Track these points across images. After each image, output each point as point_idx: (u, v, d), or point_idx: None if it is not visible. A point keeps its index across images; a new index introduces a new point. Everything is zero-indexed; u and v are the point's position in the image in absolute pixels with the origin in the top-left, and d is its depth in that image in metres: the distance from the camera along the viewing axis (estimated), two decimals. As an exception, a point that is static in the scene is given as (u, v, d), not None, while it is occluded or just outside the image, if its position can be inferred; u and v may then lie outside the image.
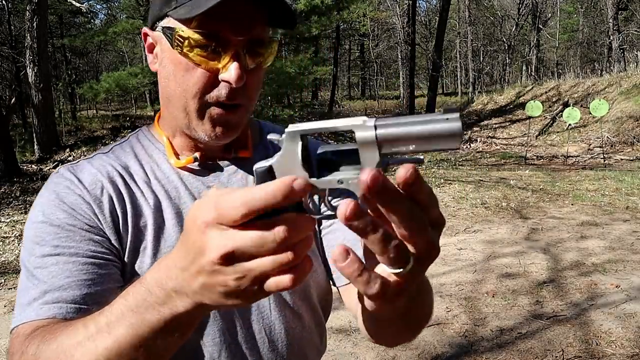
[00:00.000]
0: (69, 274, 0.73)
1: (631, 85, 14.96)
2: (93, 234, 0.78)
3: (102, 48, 29.81)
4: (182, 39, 0.76)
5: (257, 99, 0.89)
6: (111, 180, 0.82)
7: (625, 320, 3.63)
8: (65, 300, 0.71)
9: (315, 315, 0.92)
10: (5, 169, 9.91)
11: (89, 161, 0.86)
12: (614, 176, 9.36)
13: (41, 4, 11.71)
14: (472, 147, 14.59)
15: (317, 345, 0.94)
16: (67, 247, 0.75)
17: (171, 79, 0.80)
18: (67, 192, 0.80)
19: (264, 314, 0.85)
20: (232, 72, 0.75)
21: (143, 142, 0.90)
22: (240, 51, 0.76)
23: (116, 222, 0.80)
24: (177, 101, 0.81)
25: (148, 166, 0.87)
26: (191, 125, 0.82)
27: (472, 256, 5.20)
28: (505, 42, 32.99)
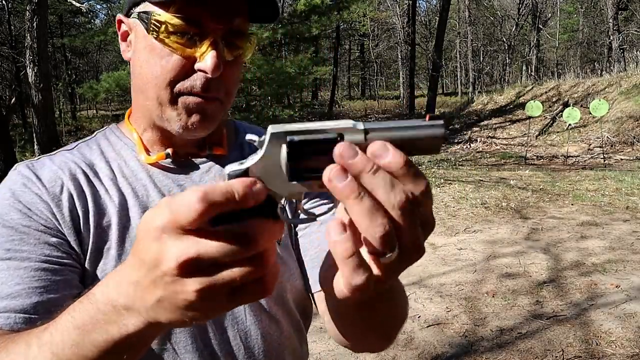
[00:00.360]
0: (19, 281, 0.67)
1: (631, 85, 14.96)
2: (49, 235, 0.72)
3: (102, 48, 29.81)
4: (159, 24, 0.72)
5: (236, 96, 0.85)
6: (73, 177, 0.77)
7: (625, 320, 3.63)
8: (14, 309, 0.66)
9: (293, 320, 0.88)
10: (5, 169, 9.91)
11: (50, 158, 0.81)
12: (614, 176, 9.36)
13: (41, 4, 11.71)
14: (472, 147, 14.59)
15: (297, 351, 0.90)
16: (19, 251, 0.70)
17: (144, 66, 0.76)
18: (24, 191, 0.75)
19: (238, 319, 0.81)
20: (209, 61, 0.72)
21: (110, 138, 0.86)
22: (218, 40, 0.73)
23: (76, 221, 0.74)
24: (149, 90, 0.76)
25: (115, 163, 0.82)
26: (163, 116, 0.77)
27: (472, 256, 5.20)
28: (505, 42, 33.00)
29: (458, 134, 16.25)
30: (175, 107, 0.76)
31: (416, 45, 25.17)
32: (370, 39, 35.55)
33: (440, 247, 5.55)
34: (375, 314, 0.65)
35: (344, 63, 35.23)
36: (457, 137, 15.85)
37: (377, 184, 0.42)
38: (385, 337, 0.76)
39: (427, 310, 3.91)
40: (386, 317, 0.69)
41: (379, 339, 0.76)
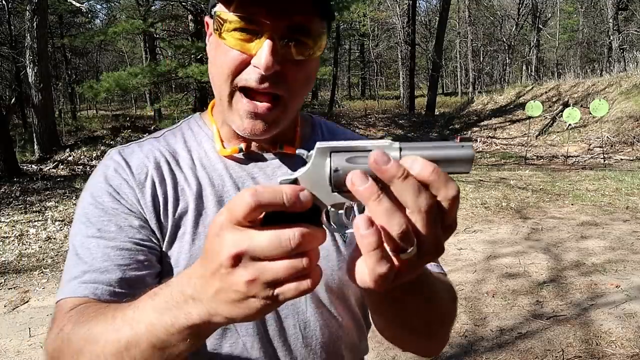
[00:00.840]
0: (106, 258, 0.76)
1: (631, 85, 14.96)
2: (134, 218, 0.80)
3: (102, 48, 29.81)
4: (222, 22, 0.75)
5: (306, 95, 0.86)
6: (157, 166, 0.84)
7: (625, 320, 3.63)
8: (101, 282, 0.74)
9: (354, 317, 0.91)
10: (5, 169, 9.91)
11: (139, 145, 0.88)
12: (614, 176, 9.36)
13: (41, 4, 11.71)
14: (472, 147, 14.58)
15: (354, 346, 0.93)
16: (108, 231, 0.78)
17: (212, 62, 0.80)
18: (114, 176, 0.82)
19: (299, 310, 0.85)
20: (262, 58, 0.72)
21: (193, 128, 0.91)
22: (275, 37, 0.73)
23: (157, 207, 0.81)
24: (215, 84, 0.81)
25: (195, 152, 0.87)
26: (226, 115, 0.82)
27: (472, 256, 5.20)
28: (505, 42, 32.99)
29: (458, 134, 16.25)
30: (231, 108, 0.79)
31: (416, 45, 25.15)
32: (370, 39, 35.52)
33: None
34: (406, 308, 0.68)
35: (344, 63, 35.20)
36: (457, 137, 15.84)
37: (406, 189, 0.46)
38: (425, 335, 0.78)
39: (427, 310, 3.91)
40: (419, 312, 0.70)
41: (419, 337, 0.78)
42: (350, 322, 0.91)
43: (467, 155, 0.50)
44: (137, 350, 0.58)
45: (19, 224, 6.69)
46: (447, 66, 39.68)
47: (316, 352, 0.86)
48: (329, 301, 0.87)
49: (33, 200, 8.12)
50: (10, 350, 3.52)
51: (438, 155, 0.50)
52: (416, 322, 0.73)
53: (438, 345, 0.83)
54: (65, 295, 0.75)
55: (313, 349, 0.86)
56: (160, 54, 24.19)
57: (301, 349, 0.85)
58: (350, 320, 0.91)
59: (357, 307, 0.92)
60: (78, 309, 0.71)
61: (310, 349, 0.86)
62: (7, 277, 4.94)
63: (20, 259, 5.47)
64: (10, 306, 4.26)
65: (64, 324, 0.68)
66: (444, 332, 0.82)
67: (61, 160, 11.45)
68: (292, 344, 0.85)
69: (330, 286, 0.86)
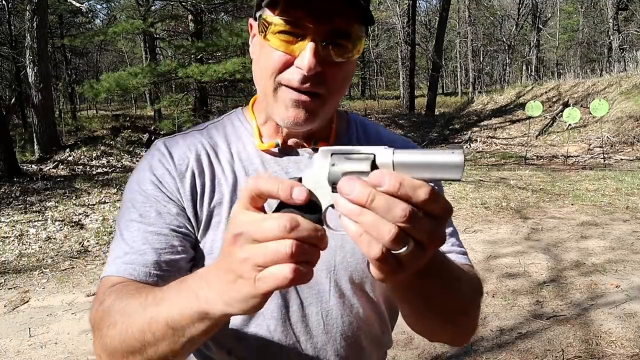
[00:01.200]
0: (145, 241, 0.83)
1: (631, 85, 14.96)
2: (173, 205, 0.86)
3: (102, 48, 29.81)
4: (267, 24, 0.80)
5: (344, 94, 0.91)
6: (197, 158, 0.90)
7: (625, 320, 3.63)
8: (139, 263, 0.81)
9: (376, 309, 0.95)
10: (5, 169, 9.90)
11: (183, 137, 0.94)
12: (614, 176, 9.36)
13: (41, 4, 11.70)
14: (472, 147, 14.58)
15: (376, 338, 0.97)
16: (149, 216, 0.85)
17: (257, 61, 0.85)
18: (158, 165, 0.88)
19: (323, 298, 0.89)
20: (305, 60, 0.77)
21: (235, 122, 0.97)
22: (317, 40, 0.77)
23: (195, 197, 0.87)
24: (259, 81, 0.86)
25: (234, 146, 0.93)
26: (269, 109, 0.86)
27: (472, 256, 5.18)
28: (505, 42, 32.99)
29: (458, 134, 16.25)
30: (276, 99, 0.84)
31: (416, 45, 25.15)
32: (370, 39, 35.54)
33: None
34: (424, 293, 0.70)
35: (344, 63, 35.16)
36: (457, 137, 15.84)
37: (377, 208, 0.49)
38: (449, 323, 0.81)
39: (427, 310, 3.91)
40: (438, 298, 0.73)
41: (444, 326, 0.82)
42: (372, 314, 0.94)
43: (456, 161, 0.51)
44: (156, 327, 0.65)
45: (19, 224, 6.69)
46: (447, 66, 39.68)
47: (336, 339, 0.90)
48: (352, 292, 0.91)
49: (33, 200, 8.12)
50: (10, 350, 3.52)
51: (426, 160, 0.52)
52: (437, 308, 0.75)
53: (465, 334, 0.88)
54: (108, 273, 0.82)
55: (333, 336, 0.90)
56: (160, 54, 24.19)
57: (322, 335, 0.90)
58: (372, 312, 0.94)
59: (381, 300, 0.95)
60: (119, 286, 0.78)
61: (330, 336, 0.90)
62: (7, 277, 4.94)
63: (20, 259, 5.47)
64: (10, 306, 4.26)
65: (105, 298, 0.76)
66: (469, 322, 0.86)
67: (61, 160, 11.44)
68: (314, 329, 0.89)
69: (354, 278, 0.90)
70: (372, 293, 0.93)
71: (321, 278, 0.89)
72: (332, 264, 0.89)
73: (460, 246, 0.96)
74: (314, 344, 0.90)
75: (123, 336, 0.68)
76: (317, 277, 0.88)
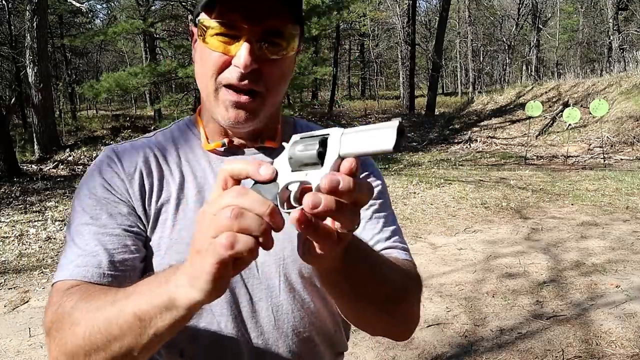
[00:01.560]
0: (97, 243, 0.84)
1: (631, 85, 14.96)
2: (123, 206, 0.88)
3: (102, 48, 29.80)
4: (205, 28, 0.84)
5: (284, 92, 0.94)
6: (145, 160, 0.93)
7: (625, 320, 3.63)
8: (92, 264, 0.83)
9: (327, 304, 0.96)
10: (5, 169, 9.91)
11: (131, 143, 0.97)
12: (614, 176, 9.36)
13: (41, 4, 11.71)
14: (472, 147, 14.58)
15: (329, 335, 0.98)
16: (100, 218, 0.87)
17: (197, 64, 0.89)
18: (107, 170, 0.91)
19: (272, 293, 0.91)
20: (241, 58, 0.81)
21: (182, 127, 1.00)
22: (252, 39, 0.82)
23: (143, 196, 0.90)
24: (201, 84, 0.89)
25: (182, 149, 0.96)
26: (212, 110, 0.89)
27: (472, 256, 5.20)
28: (505, 42, 32.98)
29: (458, 134, 16.25)
30: (217, 100, 0.87)
31: (416, 45, 25.13)
32: (370, 39, 35.51)
33: (440, 247, 5.55)
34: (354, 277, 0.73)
35: (344, 63, 35.19)
36: (457, 137, 15.84)
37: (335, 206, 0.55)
38: (382, 310, 0.82)
39: (427, 310, 3.91)
40: (367, 282, 0.76)
41: (377, 313, 0.83)
42: (324, 309, 0.95)
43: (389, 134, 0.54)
44: (124, 319, 0.66)
45: (19, 224, 6.69)
46: (447, 66, 39.66)
47: (287, 334, 0.91)
48: (302, 287, 0.92)
49: (33, 200, 8.12)
50: (10, 350, 3.52)
51: (369, 136, 0.55)
52: (367, 295, 0.78)
53: (403, 326, 0.89)
54: (60, 277, 0.83)
55: (284, 331, 0.91)
56: (160, 54, 24.20)
57: (273, 331, 0.91)
58: (324, 308, 0.95)
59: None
60: (78, 288, 0.79)
61: (281, 332, 0.91)
62: (7, 277, 4.94)
63: (20, 259, 5.47)
64: (10, 306, 4.26)
65: (64, 300, 0.77)
66: (405, 313, 0.87)
67: (61, 160, 11.45)
68: (265, 325, 0.91)
69: (303, 272, 0.92)
70: (322, 288, 0.93)
71: (270, 272, 0.90)
72: (281, 257, 0.91)
73: (403, 243, 0.98)
74: (265, 340, 0.91)
75: (87, 333, 0.69)
76: (266, 271, 0.90)
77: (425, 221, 6.68)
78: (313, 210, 0.53)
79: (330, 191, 0.53)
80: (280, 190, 0.61)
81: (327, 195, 0.53)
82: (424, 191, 8.50)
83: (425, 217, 6.86)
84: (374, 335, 0.90)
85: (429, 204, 7.61)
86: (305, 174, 0.59)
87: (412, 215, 6.93)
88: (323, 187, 0.53)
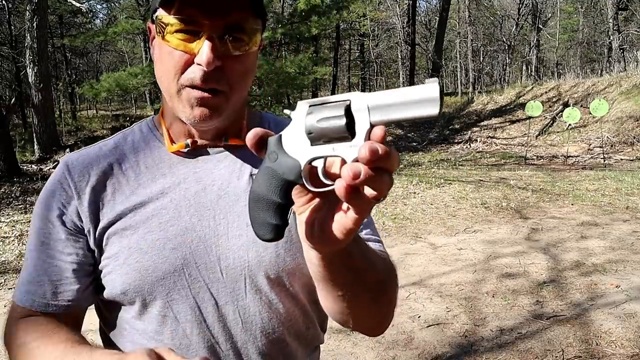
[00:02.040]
0: (43, 272, 0.87)
1: (631, 85, 14.96)
2: (75, 237, 0.88)
3: (102, 48, 29.80)
4: (164, 25, 0.81)
5: (248, 88, 0.91)
6: (99, 172, 0.90)
7: (625, 320, 3.63)
8: (38, 295, 0.87)
9: (298, 304, 0.93)
10: (5, 169, 9.91)
11: (87, 151, 0.94)
12: (614, 176, 9.36)
13: (41, 4, 11.71)
14: (472, 147, 14.58)
15: (300, 333, 0.95)
16: (48, 246, 0.87)
17: (158, 63, 0.86)
18: (59, 191, 0.89)
19: (239, 296, 0.88)
20: (204, 55, 0.78)
21: (144, 129, 0.97)
22: (214, 36, 0.79)
23: (96, 211, 0.88)
24: (163, 84, 0.86)
25: (141, 153, 0.93)
26: (175, 108, 0.86)
27: (472, 256, 5.20)
28: (505, 42, 32.97)
29: (458, 134, 16.25)
30: (180, 100, 0.84)
31: (416, 45, 25.14)
32: (370, 39, 35.50)
33: (440, 247, 5.55)
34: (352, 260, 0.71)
35: (344, 63, 35.17)
36: (457, 137, 15.84)
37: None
38: (372, 299, 0.80)
39: (427, 310, 3.91)
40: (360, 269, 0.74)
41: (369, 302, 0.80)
42: (294, 308, 0.93)
43: (432, 96, 0.50)
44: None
45: (19, 224, 6.68)
46: (447, 66, 39.65)
47: (256, 337, 0.89)
48: (269, 288, 0.89)
49: (33, 200, 8.11)
50: (10, 350, 3.52)
51: (404, 99, 0.51)
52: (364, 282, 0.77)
53: (386, 318, 0.87)
54: (14, 298, 0.89)
55: (253, 333, 0.89)
56: (160, 54, 24.13)
57: (241, 334, 0.89)
58: (294, 307, 0.93)
59: (302, 294, 0.94)
60: (27, 321, 0.86)
61: (250, 334, 0.89)
62: (7, 277, 4.94)
63: (20, 259, 5.47)
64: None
65: (17, 331, 0.83)
66: (388, 303, 0.85)
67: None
68: (232, 329, 0.88)
69: (269, 274, 0.89)
70: (292, 287, 0.91)
71: (235, 275, 0.88)
72: (245, 260, 0.88)
73: (376, 235, 0.97)
74: (233, 344, 0.89)
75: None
76: (231, 274, 0.88)
77: (425, 221, 6.68)
78: (355, 180, 0.51)
79: (370, 161, 0.51)
80: (304, 167, 0.57)
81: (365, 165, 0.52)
82: (424, 191, 8.50)
83: (425, 217, 6.86)
84: (354, 329, 0.88)
85: (429, 204, 7.61)
86: (332, 148, 0.55)
87: (412, 215, 6.93)
88: (363, 158, 0.51)
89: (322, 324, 1.02)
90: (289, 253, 0.90)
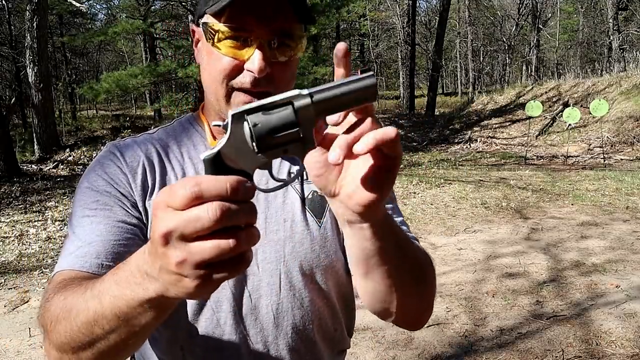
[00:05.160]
0: (98, 233, 0.84)
1: (631, 85, 14.95)
2: (125, 200, 0.89)
3: (102, 48, 29.79)
4: (214, 32, 0.83)
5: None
6: (148, 156, 0.93)
7: (625, 320, 3.63)
8: (91, 254, 0.81)
9: (328, 302, 0.96)
10: (5, 169, 9.90)
11: (134, 139, 0.97)
12: (614, 176, 9.35)
13: (41, 4, 11.71)
14: (472, 147, 14.58)
15: (329, 333, 0.97)
16: (102, 210, 0.87)
17: (205, 68, 0.89)
18: (109, 164, 0.91)
19: (273, 291, 0.91)
20: (255, 62, 0.81)
21: (185, 125, 1.00)
22: (264, 42, 0.82)
23: (146, 191, 0.91)
24: (209, 88, 0.89)
25: (185, 147, 0.96)
26: (223, 111, 0.89)
27: (472, 256, 5.20)
28: (505, 42, 32.98)
29: (458, 134, 16.25)
30: (229, 103, 0.87)
31: (416, 45, 25.13)
32: (370, 39, 35.50)
33: (440, 247, 5.55)
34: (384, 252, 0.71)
35: (344, 63, 35.11)
36: (457, 137, 15.84)
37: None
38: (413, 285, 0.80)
39: (427, 310, 3.91)
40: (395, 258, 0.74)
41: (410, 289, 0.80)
42: (325, 307, 0.95)
43: (368, 84, 0.54)
44: (105, 321, 0.63)
45: (19, 224, 6.69)
46: (447, 66, 39.66)
47: (287, 333, 0.92)
48: (303, 284, 0.92)
49: (33, 200, 8.12)
50: (10, 350, 3.53)
51: (344, 90, 0.54)
52: (408, 262, 0.77)
53: (425, 311, 0.87)
54: (59, 268, 0.82)
55: (284, 329, 0.91)
56: (160, 54, 24.18)
57: (272, 329, 0.91)
58: (325, 306, 0.95)
59: (333, 293, 0.96)
60: (66, 281, 0.77)
61: (280, 330, 0.91)
62: (7, 277, 4.94)
63: (20, 259, 5.47)
64: (10, 306, 4.26)
65: (51, 295, 0.75)
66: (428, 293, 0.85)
67: (61, 160, 11.44)
68: (264, 323, 0.91)
69: (304, 269, 0.92)
70: (324, 284, 0.94)
71: (270, 269, 0.91)
72: (282, 255, 0.91)
73: (411, 233, 0.96)
74: (264, 338, 0.91)
75: (69, 332, 0.67)
76: (267, 268, 0.91)
77: (425, 221, 6.68)
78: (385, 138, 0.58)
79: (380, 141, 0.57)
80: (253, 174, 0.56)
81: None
82: (424, 191, 8.50)
83: (425, 217, 6.86)
84: (396, 320, 0.86)
85: (429, 204, 7.61)
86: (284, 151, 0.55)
87: (412, 215, 6.93)
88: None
89: (350, 329, 1.04)
90: (324, 250, 0.93)
